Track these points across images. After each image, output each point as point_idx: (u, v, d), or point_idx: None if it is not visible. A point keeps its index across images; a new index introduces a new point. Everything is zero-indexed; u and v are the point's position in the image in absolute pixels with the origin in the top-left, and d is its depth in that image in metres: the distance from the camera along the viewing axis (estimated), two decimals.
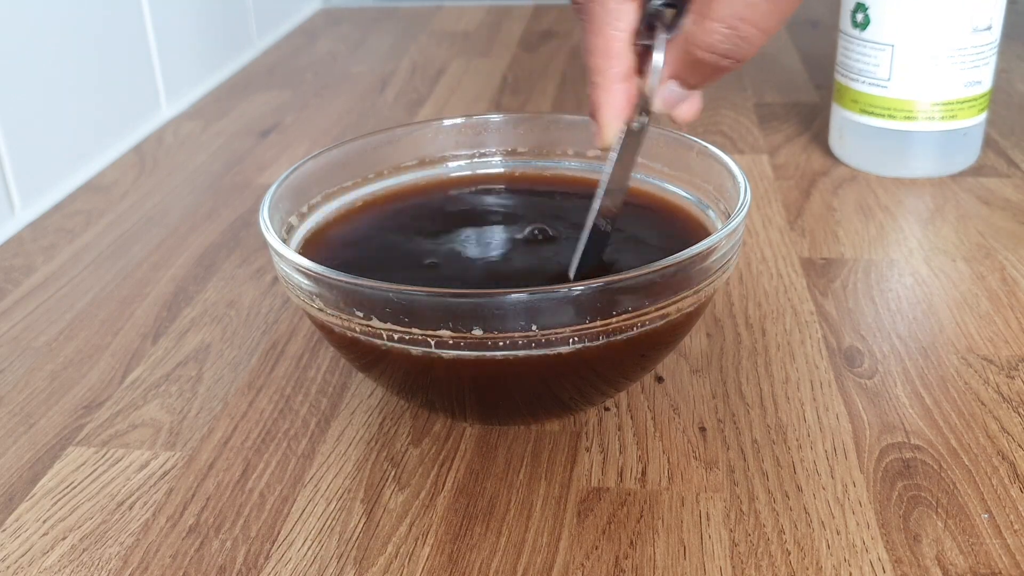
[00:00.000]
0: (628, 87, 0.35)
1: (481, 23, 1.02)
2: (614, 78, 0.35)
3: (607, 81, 0.35)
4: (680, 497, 0.36)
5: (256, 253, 0.55)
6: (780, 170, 0.63)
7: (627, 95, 0.35)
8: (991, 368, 0.42)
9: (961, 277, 0.49)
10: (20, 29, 0.60)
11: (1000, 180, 0.60)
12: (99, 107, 0.68)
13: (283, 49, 0.96)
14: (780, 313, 0.47)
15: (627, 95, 0.35)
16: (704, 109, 0.74)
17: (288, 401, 0.42)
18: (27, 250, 0.56)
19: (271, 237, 0.37)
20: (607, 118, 0.35)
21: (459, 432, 0.39)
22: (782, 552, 0.33)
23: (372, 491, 0.37)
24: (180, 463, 0.38)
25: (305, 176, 0.43)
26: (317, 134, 0.73)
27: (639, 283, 0.33)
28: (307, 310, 0.36)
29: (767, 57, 0.86)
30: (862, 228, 0.55)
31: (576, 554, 0.33)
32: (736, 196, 0.38)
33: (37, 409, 0.42)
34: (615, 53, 0.34)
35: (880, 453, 0.37)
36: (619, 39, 0.34)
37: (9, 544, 0.35)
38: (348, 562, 0.33)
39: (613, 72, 0.35)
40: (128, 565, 0.34)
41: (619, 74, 0.35)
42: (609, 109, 0.35)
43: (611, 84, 0.35)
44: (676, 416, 0.40)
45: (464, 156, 0.48)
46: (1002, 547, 0.33)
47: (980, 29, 0.57)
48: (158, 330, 0.48)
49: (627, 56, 0.35)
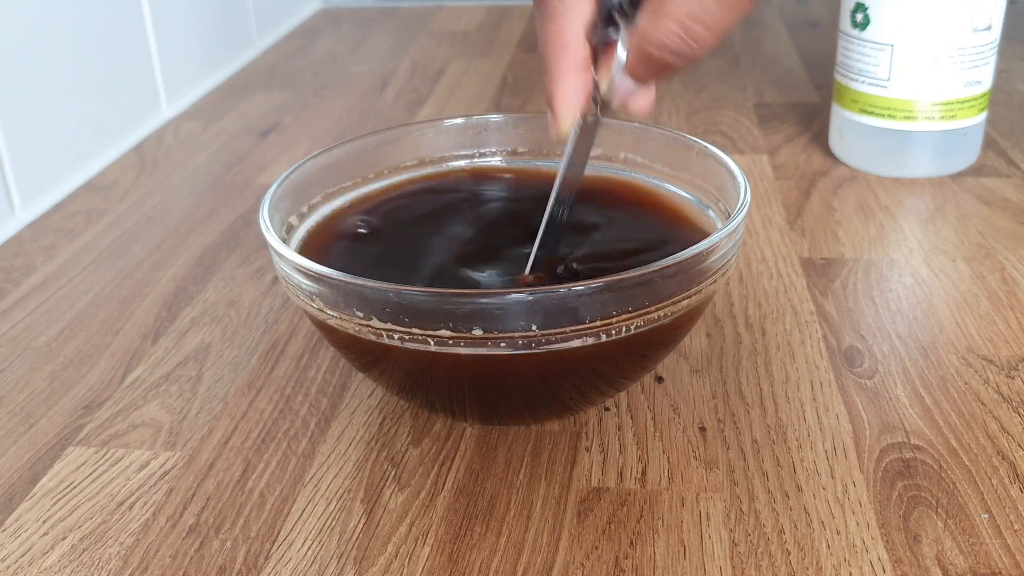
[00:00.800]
0: (583, 78, 0.35)
1: (481, 23, 1.02)
2: (569, 69, 0.35)
3: (561, 72, 0.35)
4: (680, 497, 0.36)
5: (256, 253, 0.55)
6: (780, 170, 0.63)
7: (582, 86, 0.35)
8: (991, 368, 0.42)
9: (961, 277, 0.49)
10: (20, 29, 0.60)
11: (1000, 180, 0.60)
12: (99, 107, 0.68)
13: (283, 49, 0.96)
14: (780, 313, 0.47)
15: (582, 86, 0.35)
16: (704, 109, 0.75)
17: (288, 401, 0.42)
18: (27, 250, 0.56)
19: (271, 237, 0.37)
20: (562, 109, 0.36)
21: (459, 432, 0.39)
22: (782, 552, 0.33)
23: (372, 491, 0.37)
24: (180, 463, 0.38)
25: (305, 176, 0.43)
26: (317, 134, 0.73)
27: (639, 283, 0.33)
28: (307, 310, 0.36)
29: (767, 57, 0.86)
30: (862, 228, 0.55)
31: (576, 554, 0.33)
32: (736, 196, 0.38)
33: (37, 409, 0.42)
34: (570, 44, 0.35)
35: (880, 453, 0.37)
36: (573, 31, 0.35)
37: (9, 544, 0.35)
38: (348, 562, 0.33)
39: (568, 63, 0.35)
40: (128, 565, 0.34)
41: (574, 65, 0.35)
42: (564, 100, 0.35)
43: (566, 75, 0.35)
44: (676, 416, 0.40)
45: (464, 156, 0.48)
46: (1002, 547, 0.33)
47: (980, 29, 0.57)
48: (158, 330, 0.48)
49: (582, 48, 0.35)
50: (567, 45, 0.35)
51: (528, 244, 0.40)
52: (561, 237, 0.39)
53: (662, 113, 0.74)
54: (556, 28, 0.35)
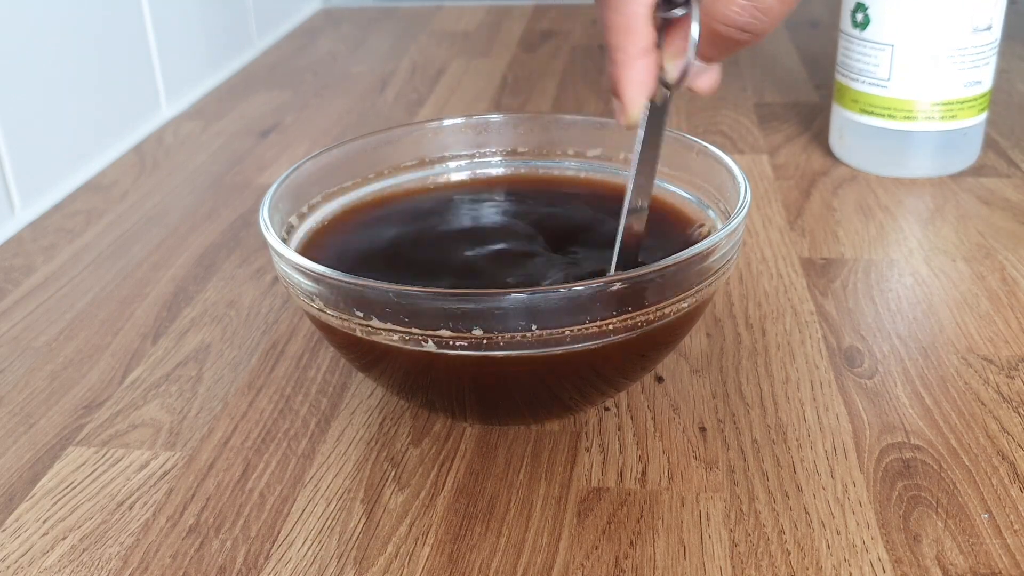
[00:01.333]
0: (650, 62, 0.34)
1: (481, 23, 1.02)
2: (636, 54, 0.34)
3: (628, 58, 0.34)
4: (680, 497, 0.36)
5: (256, 253, 0.55)
6: (780, 170, 0.63)
7: (650, 70, 0.34)
8: (991, 368, 0.42)
9: (961, 277, 0.49)
10: (20, 29, 0.60)
11: (1000, 180, 0.60)
12: (99, 107, 0.68)
13: (283, 49, 0.96)
14: (780, 313, 0.47)
15: (650, 70, 0.34)
16: (704, 109, 0.75)
17: (288, 401, 0.42)
18: (27, 250, 0.56)
19: (271, 237, 0.37)
20: (631, 94, 0.35)
21: (459, 432, 0.39)
22: (782, 552, 0.33)
23: (372, 491, 0.37)
24: (180, 463, 0.38)
25: (305, 176, 0.43)
26: (317, 134, 0.73)
27: (639, 283, 0.33)
28: (307, 310, 0.36)
29: (767, 57, 0.86)
30: (862, 228, 0.55)
31: (576, 554, 0.33)
32: (736, 196, 0.38)
33: (37, 409, 0.42)
34: (636, 29, 0.34)
35: (880, 453, 0.37)
36: (639, 15, 0.33)
37: (9, 544, 0.35)
38: (348, 562, 0.33)
39: (635, 48, 0.34)
40: (128, 565, 0.34)
41: (641, 50, 0.34)
42: (632, 85, 0.34)
43: (633, 60, 0.34)
44: (676, 416, 0.40)
45: (464, 156, 0.48)
46: (1002, 547, 0.33)
47: (980, 29, 0.57)
48: (158, 330, 0.48)
49: (647, 31, 0.34)
50: (633, 29, 0.34)
51: (527, 242, 0.40)
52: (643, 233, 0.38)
53: None
54: (622, 15, 0.34)
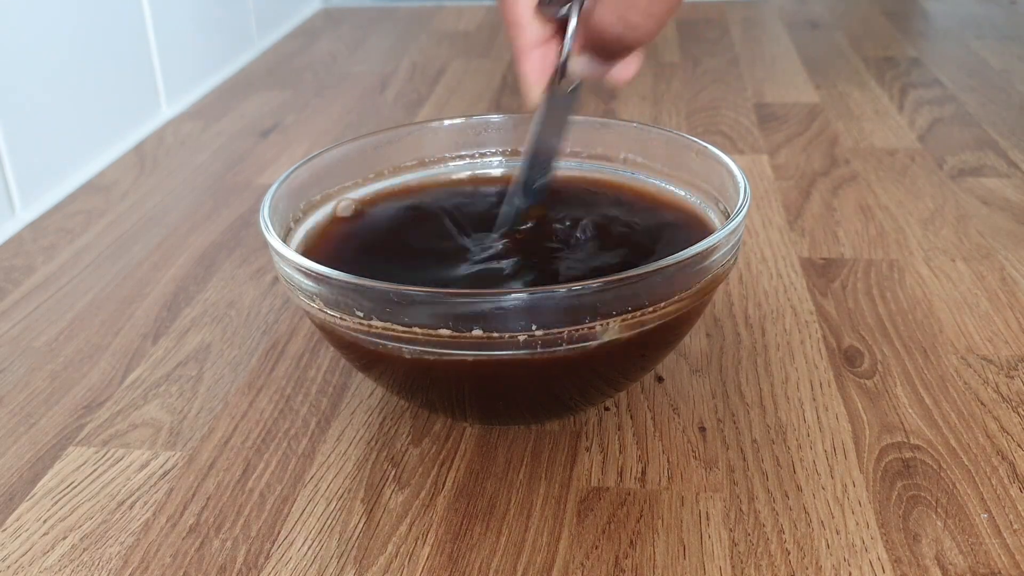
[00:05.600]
0: (541, 54, 0.38)
1: (481, 23, 1.02)
2: (525, 47, 0.38)
3: (519, 51, 0.38)
4: (680, 497, 0.36)
5: (256, 253, 0.55)
6: (780, 170, 0.63)
7: (541, 61, 0.38)
8: (991, 368, 0.42)
9: (961, 277, 0.49)
10: (20, 29, 0.60)
11: (1000, 180, 0.60)
12: (99, 107, 0.68)
13: (283, 49, 0.96)
14: (780, 313, 0.47)
15: (541, 61, 0.38)
16: (704, 109, 0.75)
17: (288, 401, 0.42)
18: (27, 250, 0.57)
19: (271, 237, 0.37)
20: (526, 83, 0.39)
21: (459, 432, 0.39)
22: (782, 552, 0.33)
23: (372, 491, 0.37)
24: (180, 463, 0.38)
25: (305, 176, 0.43)
26: (317, 134, 0.73)
27: (639, 283, 0.33)
28: (307, 310, 0.36)
29: (767, 57, 0.86)
30: (862, 228, 0.55)
31: (576, 554, 0.33)
32: (736, 196, 0.39)
33: (37, 409, 0.42)
34: (523, 25, 0.38)
35: (880, 453, 0.37)
36: (524, 12, 0.37)
37: (10, 544, 0.35)
38: (348, 562, 0.33)
39: (524, 42, 0.38)
40: (128, 565, 0.34)
41: (530, 43, 0.38)
42: (527, 74, 0.38)
43: (523, 53, 0.38)
44: (676, 416, 0.40)
45: (464, 156, 0.48)
46: (1001, 547, 0.33)
47: None
48: (158, 330, 0.48)
49: (535, 27, 0.38)
50: (520, 25, 0.38)
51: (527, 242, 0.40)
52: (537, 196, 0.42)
53: (662, 113, 0.74)
54: (510, 11, 0.38)
